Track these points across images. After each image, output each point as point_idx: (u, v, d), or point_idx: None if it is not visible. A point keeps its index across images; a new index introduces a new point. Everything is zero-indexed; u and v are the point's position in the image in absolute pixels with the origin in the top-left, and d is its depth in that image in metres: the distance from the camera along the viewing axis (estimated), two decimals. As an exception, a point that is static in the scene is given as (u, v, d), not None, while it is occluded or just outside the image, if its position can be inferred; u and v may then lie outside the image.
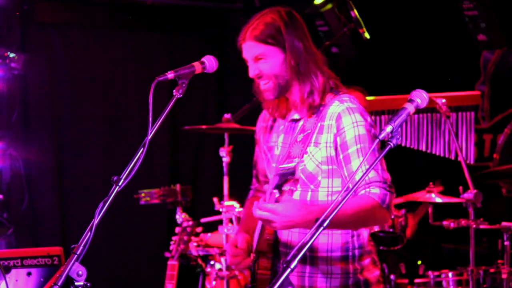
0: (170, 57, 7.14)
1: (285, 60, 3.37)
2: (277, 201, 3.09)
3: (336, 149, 3.25)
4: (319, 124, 3.30)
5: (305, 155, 3.29)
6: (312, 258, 3.33)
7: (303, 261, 3.33)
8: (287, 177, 3.20)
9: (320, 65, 3.45)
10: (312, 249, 3.33)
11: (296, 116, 3.41)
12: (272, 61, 3.36)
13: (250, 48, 3.40)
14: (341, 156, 3.23)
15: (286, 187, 3.12)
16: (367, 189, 3.16)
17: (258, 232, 3.32)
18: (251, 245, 3.45)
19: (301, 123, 3.39)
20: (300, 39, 3.41)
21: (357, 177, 3.08)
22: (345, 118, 3.25)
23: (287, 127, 3.44)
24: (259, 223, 3.33)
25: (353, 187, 2.62)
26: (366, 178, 3.15)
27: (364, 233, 3.38)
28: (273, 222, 3.00)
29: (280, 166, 3.32)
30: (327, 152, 3.26)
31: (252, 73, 3.39)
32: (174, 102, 3.02)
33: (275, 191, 3.15)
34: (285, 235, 3.35)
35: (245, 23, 3.48)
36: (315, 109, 3.33)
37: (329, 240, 3.32)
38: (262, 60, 3.37)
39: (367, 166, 3.11)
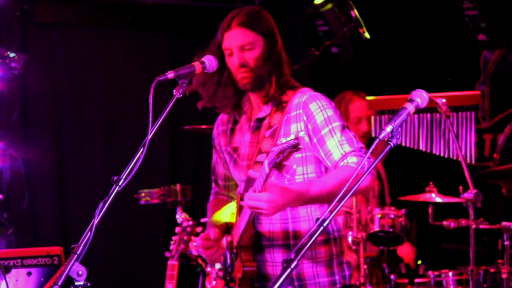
0: (170, 57, 7.14)
1: (268, 52, 3.44)
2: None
3: (309, 135, 3.35)
4: (285, 118, 3.40)
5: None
6: (295, 245, 3.36)
7: (287, 250, 3.42)
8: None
9: (288, 64, 3.53)
10: (295, 236, 3.42)
11: (261, 115, 3.49)
12: (258, 50, 3.43)
13: (237, 36, 3.46)
14: (315, 140, 3.34)
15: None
16: (345, 160, 3.26)
17: (240, 228, 3.36)
18: (222, 238, 3.54)
19: (266, 120, 3.46)
20: (279, 36, 3.51)
21: (335, 153, 3.26)
22: (311, 105, 3.37)
23: (253, 127, 3.51)
24: (241, 220, 3.36)
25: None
26: (342, 152, 3.28)
27: (339, 218, 3.52)
28: (263, 209, 3.06)
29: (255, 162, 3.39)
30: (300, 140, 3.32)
31: (238, 61, 3.44)
32: (174, 102, 3.03)
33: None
34: (266, 227, 3.42)
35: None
36: (280, 106, 3.43)
37: (311, 226, 3.40)
38: (249, 50, 3.44)
39: (344, 142, 3.27)
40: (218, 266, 5.54)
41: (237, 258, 3.42)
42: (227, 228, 3.61)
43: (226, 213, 3.74)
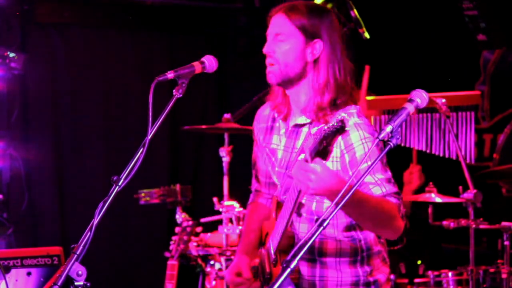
0: (170, 57, 7.14)
1: (304, 53, 3.24)
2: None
3: (344, 165, 3.15)
4: None
5: None
6: (321, 262, 3.30)
7: (312, 264, 3.31)
8: None
9: (347, 77, 3.29)
10: (321, 253, 3.30)
11: (300, 121, 3.31)
12: (290, 46, 3.24)
13: (277, 21, 3.27)
14: (350, 173, 3.12)
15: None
16: (385, 198, 3.10)
17: (279, 232, 3.20)
18: (254, 270, 3.38)
19: (305, 129, 3.29)
20: (333, 42, 3.28)
21: (374, 189, 3.07)
22: (353, 134, 3.15)
23: (290, 132, 3.34)
24: (279, 223, 3.22)
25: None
26: (384, 190, 3.09)
27: (370, 235, 3.32)
28: (310, 181, 2.82)
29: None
30: (332, 166, 3.15)
31: (265, 48, 3.28)
32: (174, 102, 3.02)
33: (284, 197, 3.13)
34: (300, 231, 3.30)
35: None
36: (323, 114, 3.19)
37: (338, 246, 3.28)
38: (281, 40, 3.25)
39: (383, 180, 3.07)
40: (218, 266, 5.54)
41: (276, 265, 3.23)
42: (261, 242, 3.46)
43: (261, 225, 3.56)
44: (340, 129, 2.76)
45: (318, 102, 3.22)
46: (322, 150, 2.79)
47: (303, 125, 3.30)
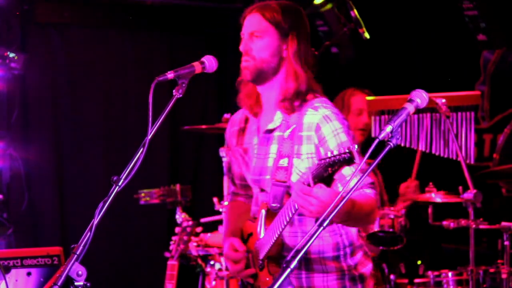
0: (170, 57, 7.14)
1: (279, 49, 3.34)
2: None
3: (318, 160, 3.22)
4: (297, 134, 3.29)
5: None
6: (306, 260, 3.35)
7: (298, 263, 3.34)
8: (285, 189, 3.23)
9: (309, 72, 3.40)
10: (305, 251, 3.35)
11: (270, 126, 3.38)
12: (266, 42, 3.34)
13: (252, 21, 3.38)
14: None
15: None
16: (361, 191, 3.18)
17: (270, 238, 3.26)
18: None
19: (277, 133, 3.37)
20: (303, 39, 3.39)
21: (351, 183, 3.07)
22: (324, 128, 3.25)
23: (262, 139, 3.42)
24: (270, 229, 3.26)
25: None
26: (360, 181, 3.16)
27: (352, 230, 3.41)
28: (311, 206, 2.90)
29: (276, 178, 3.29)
30: (309, 163, 3.25)
31: (243, 47, 3.37)
32: (174, 102, 3.03)
33: (274, 205, 3.23)
34: (288, 239, 3.35)
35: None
36: (292, 108, 3.31)
37: (320, 242, 3.34)
38: (257, 38, 3.35)
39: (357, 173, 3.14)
40: (218, 266, 5.54)
41: (263, 270, 3.32)
42: (242, 238, 3.53)
43: (243, 219, 3.63)
44: (349, 160, 2.79)
45: (288, 97, 3.33)
46: (326, 177, 2.85)
47: (273, 129, 3.38)
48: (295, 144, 3.29)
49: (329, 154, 2.83)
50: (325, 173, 2.84)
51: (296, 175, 3.25)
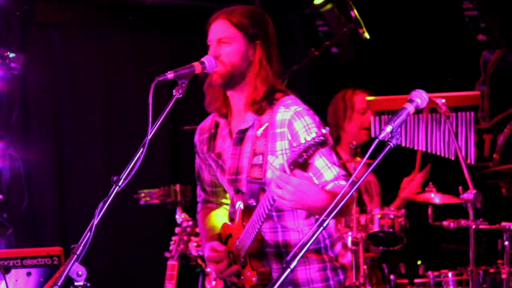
0: (170, 57, 7.13)
1: (247, 53, 3.39)
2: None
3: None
4: (270, 132, 3.35)
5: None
6: (287, 253, 3.41)
7: (279, 257, 3.42)
8: (261, 186, 3.29)
9: (275, 76, 3.46)
10: (286, 245, 3.42)
11: (243, 126, 3.43)
12: (235, 47, 3.38)
13: (218, 27, 3.44)
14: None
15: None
16: (336, 182, 3.26)
17: (250, 236, 3.32)
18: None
19: (250, 133, 3.42)
20: (270, 43, 3.44)
21: (326, 174, 3.25)
22: (296, 123, 3.31)
23: (235, 139, 3.46)
24: (249, 227, 3.32)
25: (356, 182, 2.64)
26: (334, 172, 3.26)
27: (330, 223, 3.43)
28: (288, 195, 2.99)
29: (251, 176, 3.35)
30: (283, 158, 3.30)
31: (211, 53, 3.40)
32: (174, 102, 3.03)
33: (251, 202, 3.29)
34: (268, 235, 3.41)
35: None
36: (262, 110, 3.37)
37: (300, 236, 3.40)
38: (226, 44, 3.39)
39: (331, 163, 3.25)
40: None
41: (245, 267, 3.37)
42: (220, 239, 3.58)
43: (218, 223, 3.69)
44: (323, 143, 2.86)
45: (257, 99, 3.38)
46: (302, 163, 2.91)
47: (246, 130, 3.43)
48: (269, 141, 3.34)
49: (302, 141, 2.89)
50: (300, 159, 2.90)
51: (271, 172, 3.31)
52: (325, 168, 3.26)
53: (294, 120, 3.31)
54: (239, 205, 3.42)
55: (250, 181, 3.35)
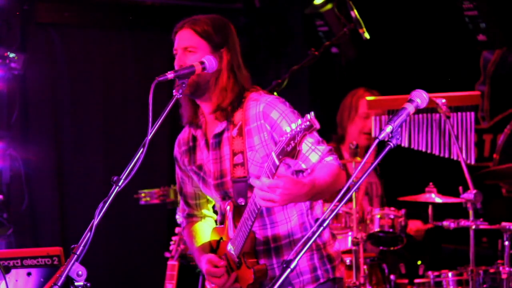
0: (170, 57, 7.10)
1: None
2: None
3: (275, 142, 3.29)
4: (246, 129, 3.37)
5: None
6: (276, 248, 3.43)
7: (268, 254, 3.43)
8: (246, 184, 3.30)
9: (245, 81, 3.48)
10: (275, 239, 3.43)
11: (218, 130, 3.45)
12: (200, 56, 3.38)
13: (184, 36, 3.46)
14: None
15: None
16: (323, 161, 3.27)
17: (241, 236, 3.32)
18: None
19: (225, 135, 3.44)
20: (235, 51, 3.48)
21: (311, 156, 3.27)
22: (272, 114, 3.34)
23: (212, 144, 3.47)
24: (240, 229, 3.33)
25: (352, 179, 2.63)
26: (319, 153, 3.29)
27: (317, 210, 3.49)
28: (275, 198, 2.99)
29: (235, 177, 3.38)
30: (265, 150, 3.34)
31: (177, 63, 3.42)
32: (174, 102, 3.03)
33: (240, 201, 3.31)
34: (258, 233, 3.41)
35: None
36: (233, 113, 3.40)
37: (289, 226, 3.41)
38: (191, 53, 3.41)
39: (315, 144, 3.27)
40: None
41: (240, 267, 3.38)
42: (211, 248, 3.60)
43: (206, 233, 3.71)
44: (309, 128, 2.83)
45: (224, 107, 3.41)
46: (290, 151, 2.89)
47: (222, 133, 3.45)
48: (246, 138, 3.36)
49: (288, 130, 2.88)
50: (288, 147, 2.88)
51: (254, 167, 3.34)
52: (309, 151, 3.28)
53: (268, 111, 3.34)
54: (228, 207, 3.42)
55: (235, 181, 3.37)
